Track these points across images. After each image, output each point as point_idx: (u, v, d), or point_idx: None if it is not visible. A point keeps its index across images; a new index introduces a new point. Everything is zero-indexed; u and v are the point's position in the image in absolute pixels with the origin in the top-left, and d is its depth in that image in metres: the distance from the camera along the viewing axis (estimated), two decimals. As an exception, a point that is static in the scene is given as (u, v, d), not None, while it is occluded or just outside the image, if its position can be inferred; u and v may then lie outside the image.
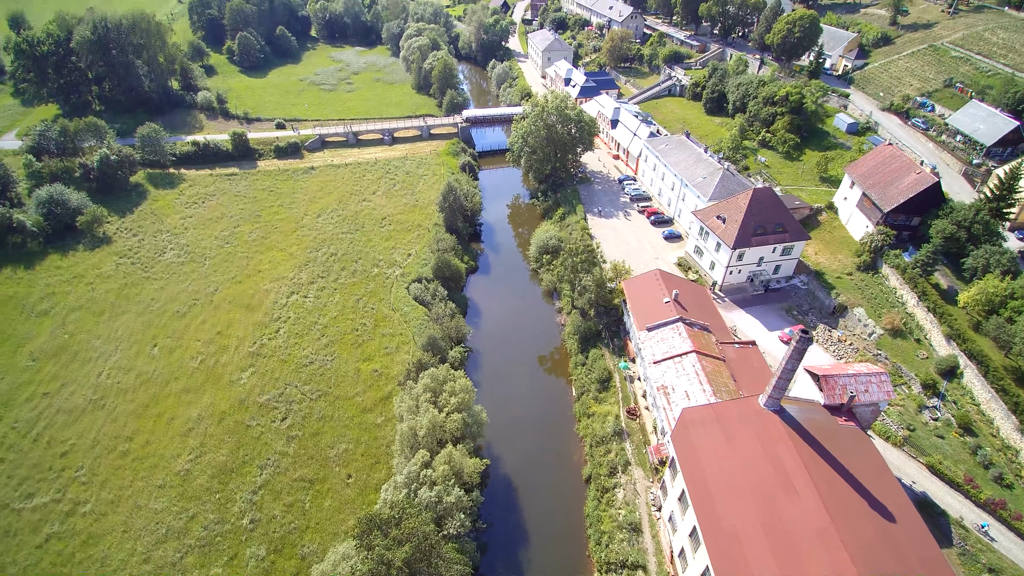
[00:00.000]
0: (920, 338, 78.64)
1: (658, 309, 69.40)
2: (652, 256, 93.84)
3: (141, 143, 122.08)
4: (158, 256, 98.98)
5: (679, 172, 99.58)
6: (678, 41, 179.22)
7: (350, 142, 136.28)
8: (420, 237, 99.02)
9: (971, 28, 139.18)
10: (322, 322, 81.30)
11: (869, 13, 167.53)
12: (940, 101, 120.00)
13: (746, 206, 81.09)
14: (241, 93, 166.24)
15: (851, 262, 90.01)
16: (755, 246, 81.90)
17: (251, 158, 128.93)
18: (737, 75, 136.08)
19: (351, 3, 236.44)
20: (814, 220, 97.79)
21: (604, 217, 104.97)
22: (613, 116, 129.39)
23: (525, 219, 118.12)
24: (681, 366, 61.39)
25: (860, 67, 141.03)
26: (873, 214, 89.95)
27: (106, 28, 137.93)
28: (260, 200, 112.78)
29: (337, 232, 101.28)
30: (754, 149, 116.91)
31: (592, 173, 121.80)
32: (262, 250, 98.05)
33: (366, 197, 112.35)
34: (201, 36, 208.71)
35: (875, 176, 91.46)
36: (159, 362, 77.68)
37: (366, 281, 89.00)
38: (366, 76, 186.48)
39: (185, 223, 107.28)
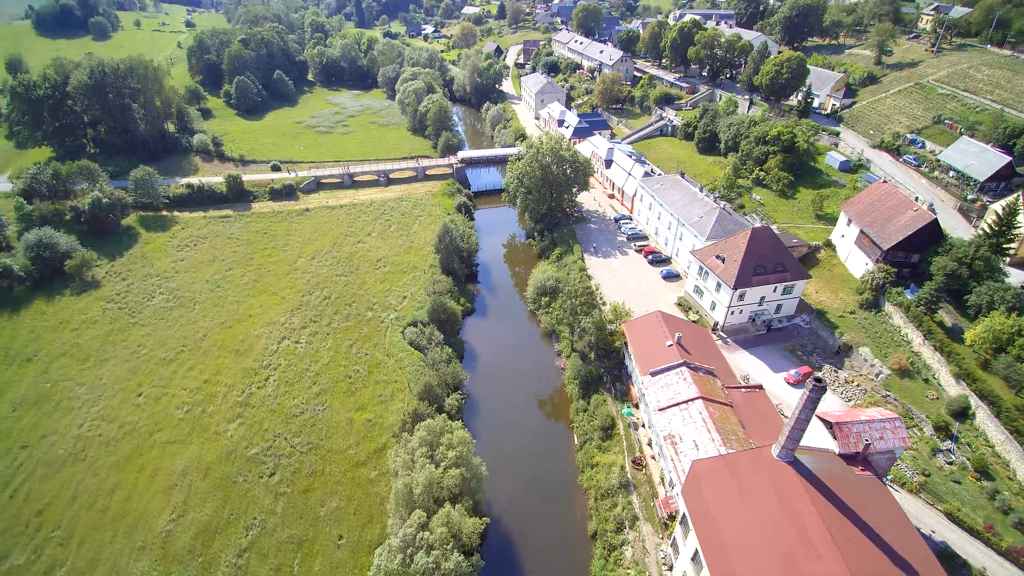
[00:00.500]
0: (928, 378, 76.79)
1: (661, 352, 67.46)
2: (651, 296, 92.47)
3: (134, 186, 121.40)
4: (146, 301, 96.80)
5: (675, 211, 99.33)
6: (668, 83, 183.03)
7: (345, 184, 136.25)
8: (416, 279, 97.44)
9: (956, 66, 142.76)
10: (314, 369, 78.66)
11: (854, 54, 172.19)
12: (930, 137, 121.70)
13: (745, 245, 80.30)
14: (237, 136, 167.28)
15: (853, 300, 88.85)
16: (756, 286, 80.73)
17: (245, 200, 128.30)
18: (728, 115, 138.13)
19: (348, 48, 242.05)
20: (813, 258, 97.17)
21: (602, 257, 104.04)
22: (607, 156, 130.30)
23: (522, 258, 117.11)
24: (687, 413, 59.07)
25: (848, 106, 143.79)
26: (872, 251, 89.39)
27: (103, 73, 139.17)
28: (253, 242, 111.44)
29: (331, 274, 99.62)
30: (748, 187, 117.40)
31: (588, 212, 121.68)
32: (254, 294, 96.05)
33: (361, 239, 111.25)
34: (199, 80, 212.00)
35: (872, 213, 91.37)
36: (144, 411, 74.66)
37: (360, 325, 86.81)
38: (362, 119, 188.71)
39: (176, 266, 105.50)
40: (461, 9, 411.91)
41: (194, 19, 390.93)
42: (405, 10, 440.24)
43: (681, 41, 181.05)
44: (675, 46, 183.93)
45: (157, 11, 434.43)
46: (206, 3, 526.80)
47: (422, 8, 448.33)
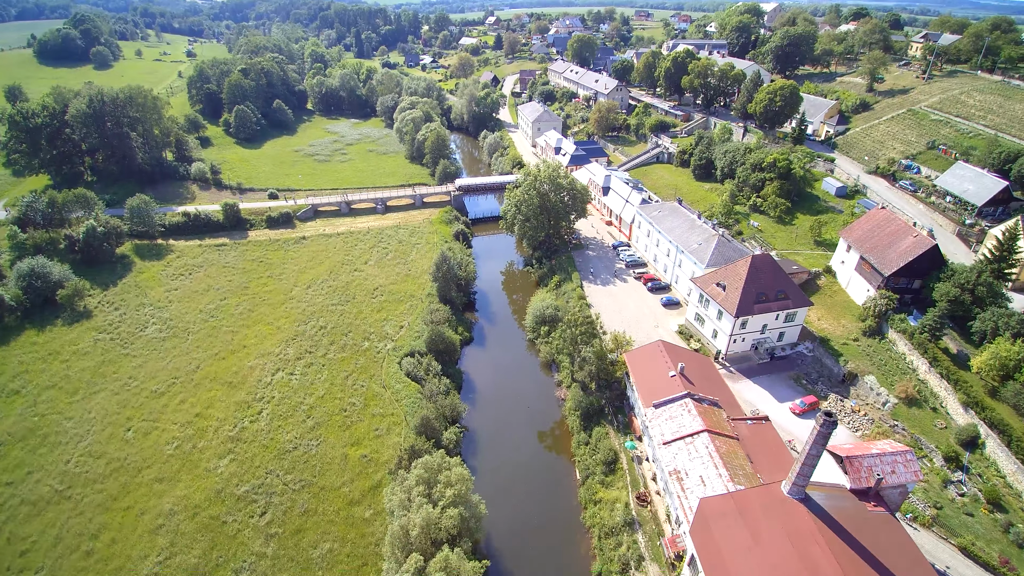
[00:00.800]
0: (936, 406, 75.34)
1: (664, 383, 65.97)
2: (652, 324, 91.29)
3: (130, 214, 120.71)
4: (139, 331, 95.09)
5: (674, 239, 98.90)
6: (662, 111, 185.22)
7: (343, 211, 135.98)
8: (413, 308, 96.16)
9: (947, 92, 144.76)
10: (308, 402, 76.69)
11: (845, 81, 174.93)
12: (925, 163, 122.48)
13: (746, 273, 79.57)
14: (236, 164, 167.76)
15: (856, 327, 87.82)
16: (758, 313, 79.72)
17: (242, 228, 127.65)
18: (723, 143, 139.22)
19: (347, 78, 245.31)
20: (813, 284, 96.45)
21: (601, 284, 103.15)
22: (604, 183, 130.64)
23: (520, 286, 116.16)
24: (693, 447, 57.31)
25: (842, 132, 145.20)
26: (873, 278, 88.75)
27: (102, 102, 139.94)
28: (249, 271, 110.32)
29: (327, 304, 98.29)
30: (746, 214, 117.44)
31: (586, 239, 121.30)
32: (248, 324, 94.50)
33: (358, 267, 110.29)
34: (199, 109, 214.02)
35: (871, 240, 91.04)
36: (132, 447, 72.35)
37: (356, 356, 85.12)
38: (360, 147, 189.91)
39: (170, 296, 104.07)
40: (458, 40, 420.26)
41: (195, 49, 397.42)
42: (404, 41, 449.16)
43: (675, 70, 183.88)
44: (669, 75, 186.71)
45: (159, 41, 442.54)
46: (208, 33, 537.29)
47: (420, 39, 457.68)
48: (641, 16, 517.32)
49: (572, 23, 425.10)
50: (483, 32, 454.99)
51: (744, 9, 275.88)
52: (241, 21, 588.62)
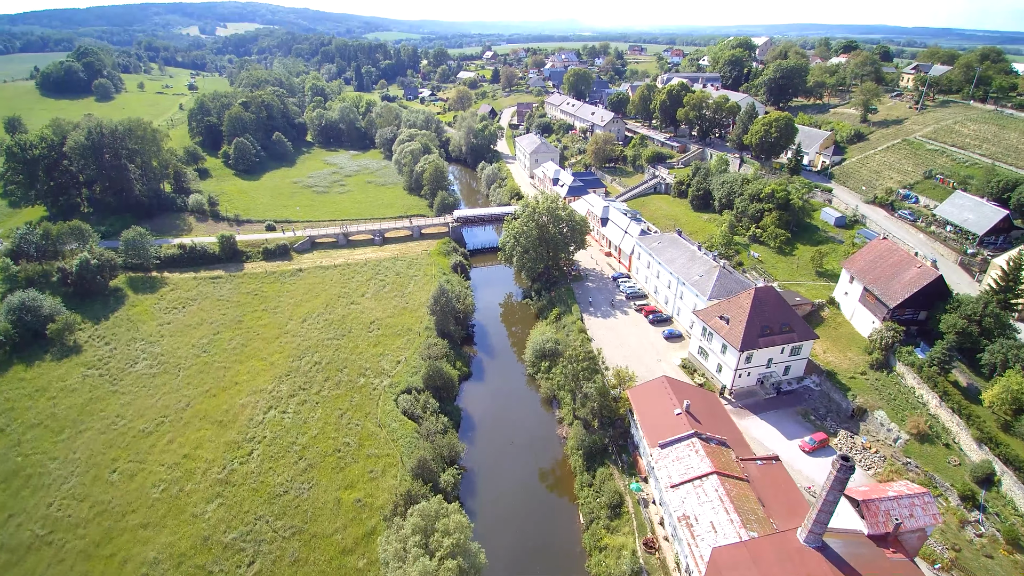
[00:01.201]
0: (949, 442, 73.19)
1: (669, 422, 63.81)
2: (654, 358, 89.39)
3: (125, 246, 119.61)
4: (129, 367, 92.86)
5: (674, 270, 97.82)
6: (659, 143, 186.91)
7: (340, 243, 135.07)
8: (410, 342, 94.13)
9: (941, 122, 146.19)
10: (301, 442, 73.99)
11: (839, 112, 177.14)
12: (923, 192, 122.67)
13: (749, 306, 78.20)
14: (234, 196, 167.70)
15: (862, 360, 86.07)
16: (763, 347, 78.06)
17: (238, 260, 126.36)
18: (720, 173, 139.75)
19: (346, 111, 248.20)
20: (817, 316, 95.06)
21: (601, 317, 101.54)
22: (603, 214, 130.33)
23: (519, 318, 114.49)
24: (702, 490, 54.88)
25: (838, 163, 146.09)
26: (878, 309, 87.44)
27: (101, 133, 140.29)
28: (243, 304, 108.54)
29: (322, 338, 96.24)
30: (746, 244, 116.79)
31: (585, 271, 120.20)
32: (241, 359, 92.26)
33: (354, 300, 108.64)
34: (199, 141, 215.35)
35: (874, 271, 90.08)
36: (117, 490, 69.59)
37: (351, 393, 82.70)
38: (359, 179, 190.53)
39: (162, 330, 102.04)
40: (457, 74, 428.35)
41: (197, 82, 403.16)
42: (403, 75, 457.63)
43: (670, 103, 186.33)
44: (665, 107, 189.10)
45: (162, 74, 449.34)
46: (210, 67, 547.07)
47: (419, 73, 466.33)
48: (635, 50, 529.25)
49: (568, 57, 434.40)
50: (480, 66, 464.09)
51: (736, 43, 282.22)
52: (244, 56, 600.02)
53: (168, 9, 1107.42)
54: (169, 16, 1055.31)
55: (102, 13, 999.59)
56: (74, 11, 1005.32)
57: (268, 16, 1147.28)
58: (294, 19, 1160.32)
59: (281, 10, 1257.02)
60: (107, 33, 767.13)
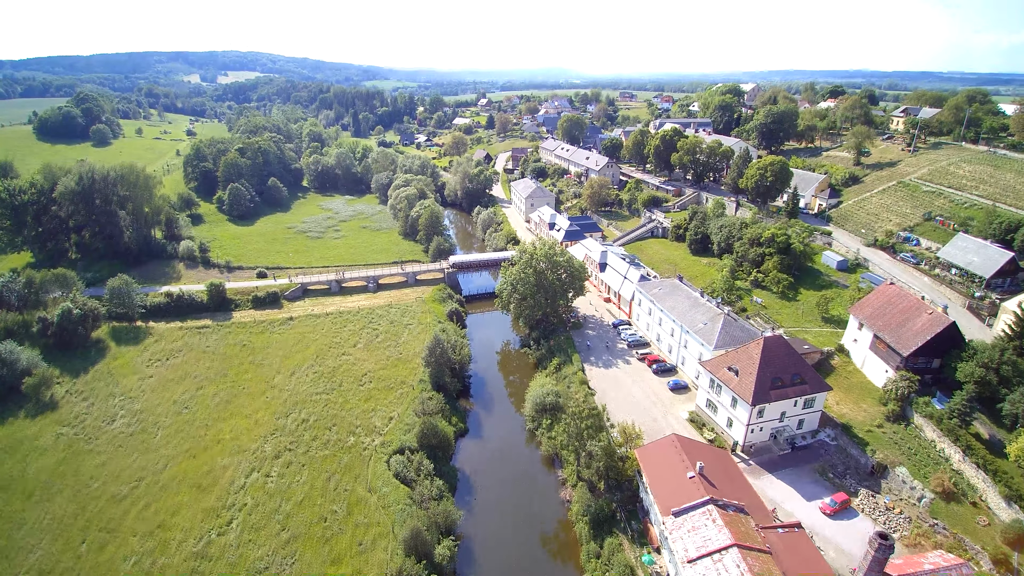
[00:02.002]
0: (976, 500, 68.80)
1: (682, 486, 59.30)
2: (661, 411, 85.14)
3: (110, 295, 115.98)
4: (106, 425, 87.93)
5: (677, 317, 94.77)
6: (654, 186, 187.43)
7: (333, 290, 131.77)
8: (404, 396, 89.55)
9: (935, 164, 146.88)
10: (284, 509, 68.52)
11: (832, 155, 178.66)
12: (923, 235, 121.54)
13: (759, 356, 74.81)
14: (226, 241, 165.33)
15: (878, 412, 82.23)
16: (775, 400, 74.24)
17: (227, 309, 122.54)
18: (718, 217, 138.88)
19: (343, 156, 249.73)
20: (827, 365, 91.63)
21: (603, 367, 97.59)
22: (601, 259, 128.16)
23: (517, 367, 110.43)
24: (722, 565, 50.06)
25: (835, 205, 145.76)
26: (891, 358, 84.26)
27: (92, 179, 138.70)
28: (230, 357, 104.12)
29: (311, 392, 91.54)
30: (747, 289, 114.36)
31: (585, 318, 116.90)
32: (224, 416, 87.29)
33: (346, 350, 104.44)
34: (194, 186, 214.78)
35: (884, 317, 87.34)
36: (85, 563, 64.10)
37: (340, 453, 77.58)
38: (354, 224, 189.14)
39: (142, 385, 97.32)
40: (452, 120, 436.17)
41: (196, 128, 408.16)
42: (400, 121, 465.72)
43: (664, 148, 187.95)
44: (659, 152, 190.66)
45: (161, 120, 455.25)
46: (210, 114, 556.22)
47: (416, 119, 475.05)
48: (625, 97, 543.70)
49: (560, 104, 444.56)
50: (476, 113, 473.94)
51: (725, 90, 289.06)
52: (243, 103, 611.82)
53: (171, 57, 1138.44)
54: (172, 64, 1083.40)
55: (106, 60, 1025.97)
56: (77, 58, 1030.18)
57: (269, 65, 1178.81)
58: (294, 68, 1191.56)
59: (281, 59, 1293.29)
60: (109, 80, 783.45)
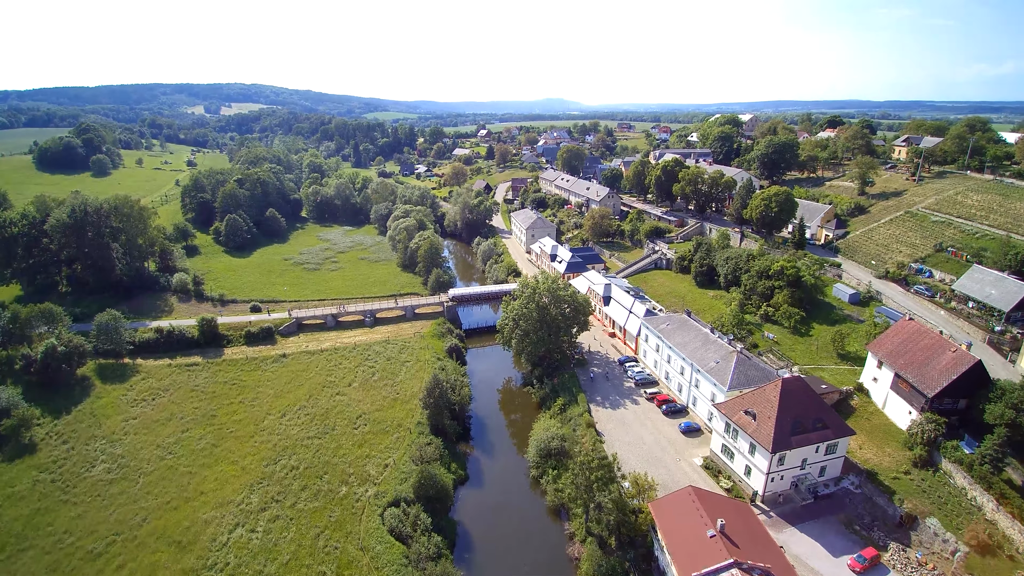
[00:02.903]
0: (1013, 553, 63.72)
1: (702, 546, 54.35)
2: (673, 457, 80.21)
3: (97, 331, 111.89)
4: (85, 471, 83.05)
5: (687, 355, 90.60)
6: (655, 217, 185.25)
7: (328, 325, 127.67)
8: (400, 440, 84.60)
9: (942, 193, 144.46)
10: (269, 571, 63.01)
11: (835, 185, 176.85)
12: (936, 266, 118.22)
13: (777, 399, 70.51)
14: (221, 274, 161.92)
15: (903, 456, 77.44)
16: (796, 447, 69.65)
17: (218, 345, 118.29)
18: (723, 249, 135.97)
19: (342, 187, 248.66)
20: (846, 405, 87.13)
21: (610, 407, 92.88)
22: (604, 292, 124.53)
23: (519, 406, 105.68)
24: (752, 643, 44.96)
25: (842, 236, 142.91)
26: (915, 398, 79.91)
27: (84, 211, 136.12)
28: (219, 396, 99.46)
29: (302, 436, 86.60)
30: (758, 324, 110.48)
31: (589, 354, 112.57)
32: (210, 463, 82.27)
33: (340, 389, 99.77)
34: (191, 217, 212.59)
35: (905, 355, 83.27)
36: (51, 630, 58.21)
37: (331, 506, 72.35)
38: (352, 255, 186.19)
39: (126, 427, 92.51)
40: (452, 151, 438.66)
41: (197, 159, 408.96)
42: (400, 152, 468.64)
43: (666, 178, 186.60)
44: (660, 183, 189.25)
45: (163, 150, 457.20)
46: (212, 144, 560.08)
47: (416, 150, 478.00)
48: (623, 128, 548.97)
49: (559, 135, 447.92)
50: (475, 144, 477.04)
51: (724, 120, 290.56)
52: (246, 134, 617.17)
53: (175, 89, 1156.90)
54: (176, 96, 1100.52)
55: (111, 91, 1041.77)
56: (83, 89, 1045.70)
57: (272, 97, 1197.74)
58: (297, 100, 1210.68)
59: (285, 91, 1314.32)
60: (114, 111, 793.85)
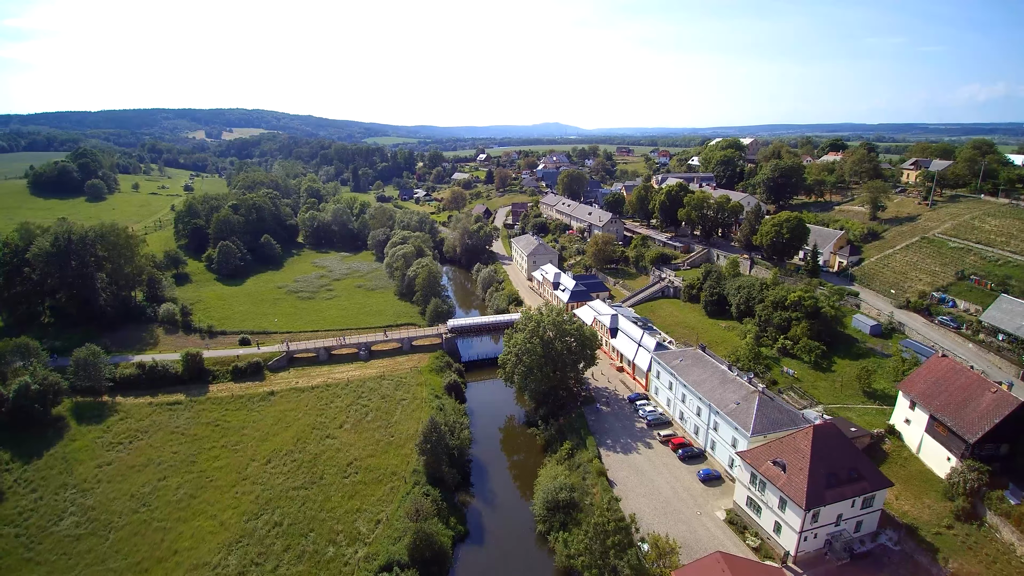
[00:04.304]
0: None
1: (737, 628, 47.50)
2: (692, 509, 73.26)
3: (75, 367, 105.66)
4: (53, 524, 76.31)
5: (704, 394, 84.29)
6: (660, 243, 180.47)
7: (321, 358, 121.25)
8: (394, 492, 77.52)
9: (958, 218, 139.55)
10: (243, 652, 56.08)
11: (845, 210, 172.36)
12: (959, 295, 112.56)
13: (809, 449, 64.20)
14: (211, 303, 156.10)
15: (944, 508, 70.68)
16: (831, 502, 63.06)
17: (203, 381, 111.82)
18: (734, 277, 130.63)
19: (339, 212, 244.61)
20: (878, 450, 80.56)
21: (621, 451, 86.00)
22: (611, 324, 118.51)
23: (522, 446, 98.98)
24: None
25: (856, 263, 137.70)
26: (953, 443, 73.51)
27: (68, 239, 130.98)
28: (200, 439, 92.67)
29: (288, 487, 79.56)
30: (775, 358, 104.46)
31: (596, 390, 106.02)
32: (187, 516, 75.23)
33: (331, 432, 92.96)
34: (184, 244, 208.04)
35: (940, 395, 77.09)
36: None
37: (316, 570, 65.00)
38: (348, 283, 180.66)
39: (99, 474, 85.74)
40: (451, 175, 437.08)
41: (195, 184, 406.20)
42: (399, 176, 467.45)
43: (670, 203, 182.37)
44: (665, 208, 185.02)
45: (161, 175, 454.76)
46: (211, 169, 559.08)
47: (415, 174, 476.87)
48: (623, 152, 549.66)
49: (559, 159, 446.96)
50: (474, 168, 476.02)
51: (726, 144, 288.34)
52: (246, 158, 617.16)
53: (177, 114, 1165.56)
54: (178, 121, 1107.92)
55: (112, 116, 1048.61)
56: (85, 114, 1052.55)
57: (273, 122, 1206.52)
58: (298, 125, 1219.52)
59: (286, 116, 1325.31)
60: (115, 135, 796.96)
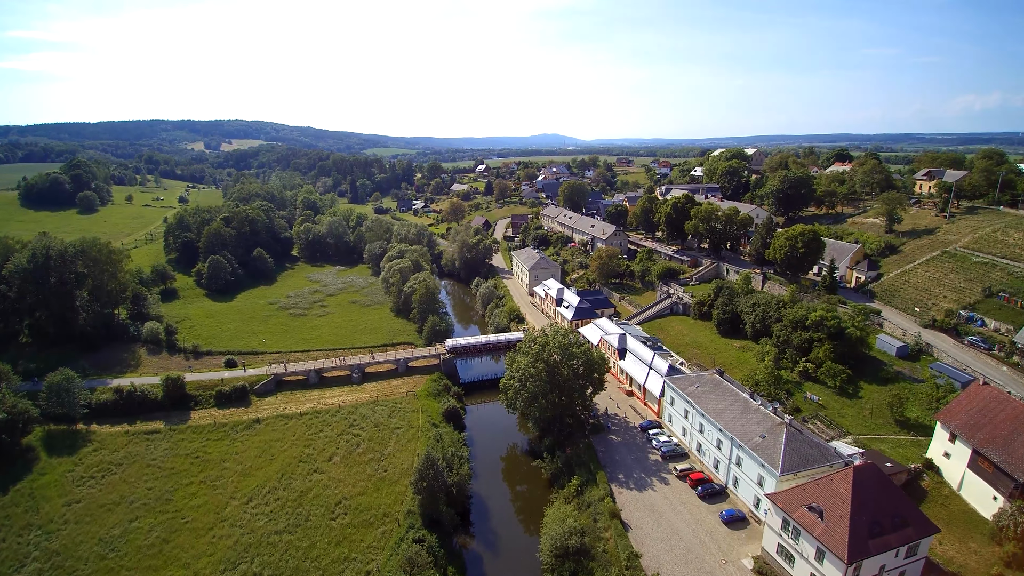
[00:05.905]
0: None
1: None
2: (716, 557, 66.12)
3: (47, 393, 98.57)
4: (14, 572, 69.50)
5: (725, 426, 77.46)
6: (666, 256, 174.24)
7: (311, 381, 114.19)
8: (386, 537, 70.30)
9: (978, 231, 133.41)
10: None
11: (857, 222, 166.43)
12: (988, 314, 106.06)
13: (849, 494, 57.37)
14: (198, 321, 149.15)
15: (991, 554, 63.97)
16: (875, 553, 56.12)
17: (184, 407, 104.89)
18: (748, 294, 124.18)
19: (335, 224, 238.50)
20: (916, 487, 73.67)
21: (635, 488, 78.82)
22: (619, 344, 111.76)
23: (526, 478, 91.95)
24: None
25: (875, 278, 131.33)
26: (1000, 481, 66.92)
27: (47, 256, 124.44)
28: (178, 473, 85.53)
29: (269, 531, 72.30)
30: (796, 382, 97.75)
31: (605, 417, 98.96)
32: (157, 565, 68.07)
33: (319, 465, 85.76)
34: (174, 258, 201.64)
35: (983, 428, 70.54)
36: None
37: (297, 633, 58.28)
38: (342, 298, 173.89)
39: (66, 513, 78.67)
40: (450, 186, 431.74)
41: (191, 195, 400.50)
42: (398, 187, 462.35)
43: (676, 215, 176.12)
44: (670, 220, 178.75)
45: (157, 186, 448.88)
46: (208, 180, 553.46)
47: (413, 186, 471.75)
48: (623, 162, 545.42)
49: (559, 170, 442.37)
50: (473, 179, 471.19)
51: (731, 155, 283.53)
52: (244, 169, 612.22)
53: (176, 126, 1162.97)
54: (177, 132, 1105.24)
55: (111, 127, 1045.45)
56: (84, 125, 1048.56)
57: (272, 133, 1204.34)
58: (297, 136, 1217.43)
59: (285, 128, 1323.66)
60: (113, 146, 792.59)
